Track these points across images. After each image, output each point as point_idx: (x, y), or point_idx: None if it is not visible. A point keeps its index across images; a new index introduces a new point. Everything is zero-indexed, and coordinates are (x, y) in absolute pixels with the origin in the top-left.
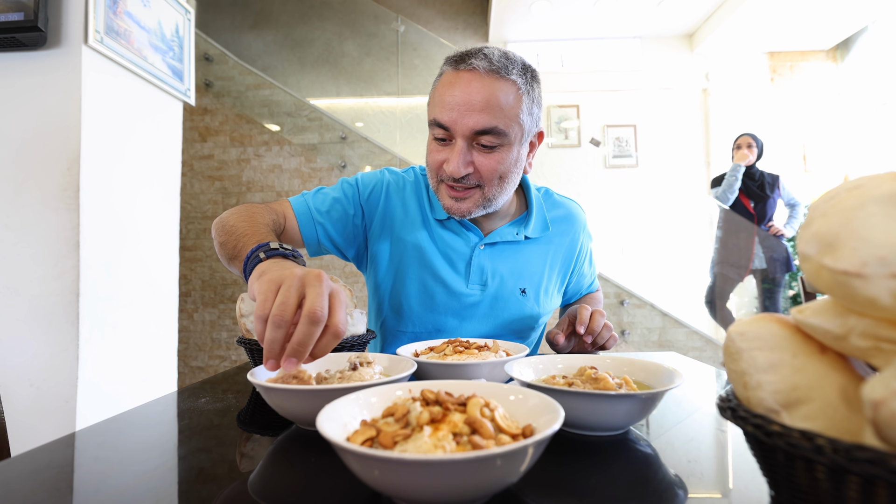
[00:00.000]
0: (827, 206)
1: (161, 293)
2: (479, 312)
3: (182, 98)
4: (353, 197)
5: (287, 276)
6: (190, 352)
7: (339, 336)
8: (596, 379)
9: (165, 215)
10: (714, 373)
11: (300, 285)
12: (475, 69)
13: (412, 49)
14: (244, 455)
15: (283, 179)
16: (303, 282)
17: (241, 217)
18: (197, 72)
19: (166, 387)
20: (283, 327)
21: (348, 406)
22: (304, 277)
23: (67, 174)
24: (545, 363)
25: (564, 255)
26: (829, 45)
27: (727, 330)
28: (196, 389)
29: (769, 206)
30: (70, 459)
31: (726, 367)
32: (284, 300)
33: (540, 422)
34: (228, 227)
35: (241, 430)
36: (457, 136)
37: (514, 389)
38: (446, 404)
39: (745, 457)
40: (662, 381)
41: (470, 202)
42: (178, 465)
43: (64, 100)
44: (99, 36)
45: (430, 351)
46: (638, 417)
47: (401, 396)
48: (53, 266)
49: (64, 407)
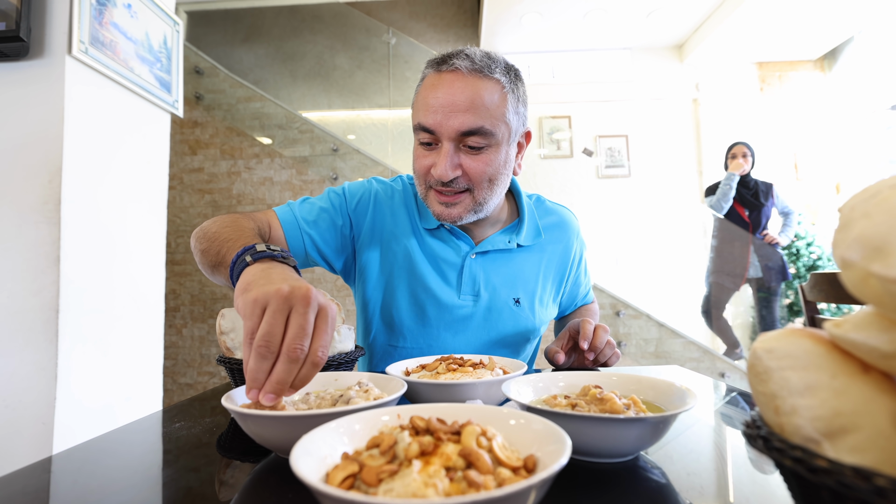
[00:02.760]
0: (869, 206)
1: (146, 309)
2: (472, 325)
3: (170, 110)
4: (341, 206)
5: (273, 297)
6: (178, 368)
7: (317, 366)
8: (601, 399)
9: (151, 229)
10: (712, 384)
11: (286, 308)
12: (458, 69)
13: (404, 62)
14: (223, 483)
15: (273, 192)
16: (289, 303)
17: (223, 224)
18: (187, 84)
19: (151, 405)
20: (269, 359)
21: (328, 436)
22: (290, 297)
23: (48, 187)
24: (545, 381)
25: (558, 262)
26: (817, 54)
27: (752, 346)
28: (184, 407)
29: (764, 215)
30: (46, 485)
31: (752, 389)
32: (269, 329)
33: (544, 452)
34: (210, 234)
35: (220, 456)
36: (443, 138)
37: (514, 414)
38: (438, 433)
39: (746, 468)
40: (674, 402)
41: (460, 207)
42: (160, 493)
43: (46, 111)
44: (83, 46)
45: (422, 369)
46: (649, 442)
47: (388, 424)
48: (32, 281)
49: (41, 428)
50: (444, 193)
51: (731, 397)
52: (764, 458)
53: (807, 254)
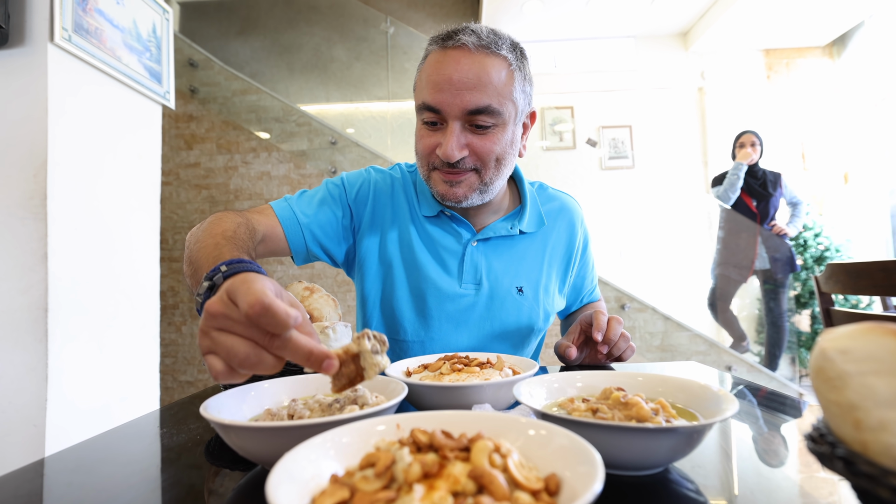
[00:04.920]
0: None
1: (141, 306)
2: (474, 316)
3: (161, 101)
4: (340, 197)
5: (202, 340)
6: (178, 366)
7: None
8: (626, 404)
9: (144, 224)
10: (717, 375)
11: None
12: (464, 45)
13: (402, 52)
14: (212, 493)
15: (271, 187)
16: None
17: (199, 238)
18: (181, 78)
19: (148, 405)
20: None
21: (314, 453)
22: (214, 320)
23: (33, 181)
24: (560, 382)
25: (563, 250)
26: (826, 41)
27: (820, 346)
28: (185, 404)
29: (772, 205)
30: (39, 489)
31: (819, 396)
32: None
33: (569, 472)
34: (189, 253)
35: (209, 464)
36: (449, 118)
37: (533, 423)
38: (444, 451)
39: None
40: (708, 406)
41: (465, 186)
42: (159, 495)
43: (29, 102)
44: (66, 34)
45: (424, 369)
46: (682, 454)
47: (385, 438)
48: (19, 280)
49: (32, 431)
50: (450, 173)
51: (739, 390)
52: (826, 471)
53: (814, 245)
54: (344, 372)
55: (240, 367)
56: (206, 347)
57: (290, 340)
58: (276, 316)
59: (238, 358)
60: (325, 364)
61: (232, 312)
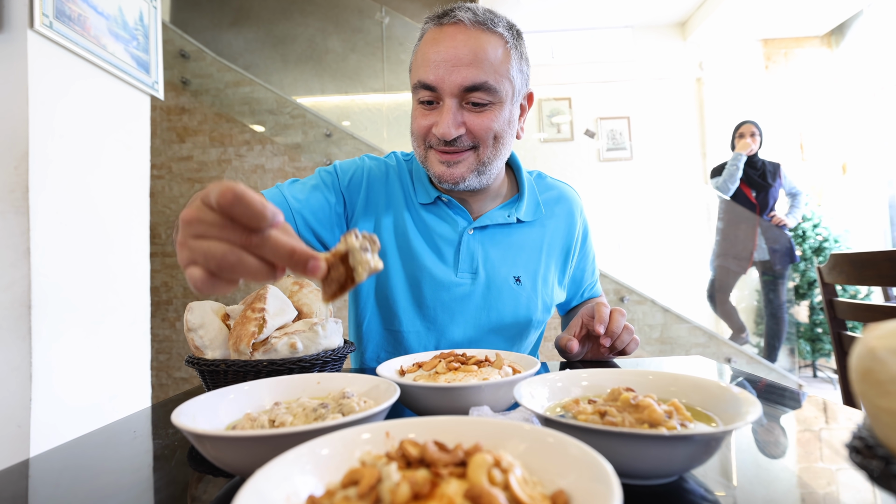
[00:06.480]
0: None
1: (130, 302)
2: (470, 306)
3: (149, 91)
4: (333, 184)
5: (181, 253)
6: (173, 362)
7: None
8: (637, 406)
9: (132, 218)
10: (715, 367)
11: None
12: (460, 21)
13: (398, 44)
14: (195, 499)
15: (266, 180)
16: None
17: None
18: (173, 69)
19: (139, 403)
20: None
21: (291, 468)
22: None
23: (14, 173)
24: (564, 381)
25: (562, 239)
26: (824, 30)
27: (865, 344)
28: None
29: (771, 196)
30: (24, 491)
31: (865, 401)
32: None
33: (578, 488)
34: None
35: (192, 470)
36: (444, 95)
37: (538, 431)
38: (437, 466)
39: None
40: (727, 409)
41: (463, 166)
42: (152, 494)
43: (8, 91)
44: (47, 20)
45: (419, 368)
46: (700, 462)
47: (371, 451)
48: (1, 276)
49: (16, 431)
50: (447, 152)
51: (739, 382)
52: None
53: (813, 235)
54: (333, 276)
55: (218, 269)
56: (185, 258)
57: (270, 238)
58: (250, 206)
59: (215, 259)
60: (311, 265)
61: (205, 215)
